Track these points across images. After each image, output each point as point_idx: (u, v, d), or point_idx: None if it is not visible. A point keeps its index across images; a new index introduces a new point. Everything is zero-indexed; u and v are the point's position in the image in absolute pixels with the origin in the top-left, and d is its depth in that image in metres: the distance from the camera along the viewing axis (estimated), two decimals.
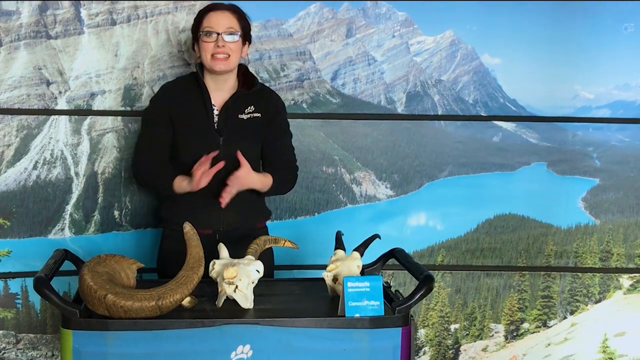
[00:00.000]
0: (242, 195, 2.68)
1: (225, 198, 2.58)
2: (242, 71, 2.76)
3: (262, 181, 2.67)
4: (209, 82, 2.70)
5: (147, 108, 2.82)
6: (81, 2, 3.04)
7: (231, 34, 2.61)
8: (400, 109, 3.30)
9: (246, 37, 2.70)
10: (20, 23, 3.01)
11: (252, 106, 2.72)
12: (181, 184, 2.60)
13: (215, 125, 2.67)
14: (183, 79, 2.81)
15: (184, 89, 2.72)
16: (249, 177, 2.59)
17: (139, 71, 3.09)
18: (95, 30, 3.07)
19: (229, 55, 2.62)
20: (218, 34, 2.60)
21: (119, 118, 3.10)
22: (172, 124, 2.68)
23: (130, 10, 3.09)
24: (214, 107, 2.69)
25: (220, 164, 2.54)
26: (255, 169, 2.72)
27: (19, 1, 2.98)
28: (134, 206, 3.13)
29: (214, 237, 2.66)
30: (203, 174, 2.51)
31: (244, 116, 2.70)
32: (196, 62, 2.82)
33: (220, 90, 2.70)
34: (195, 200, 2.63)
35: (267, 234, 2.82)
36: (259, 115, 2.72)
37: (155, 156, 2.70)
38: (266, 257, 2.49)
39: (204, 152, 2.61)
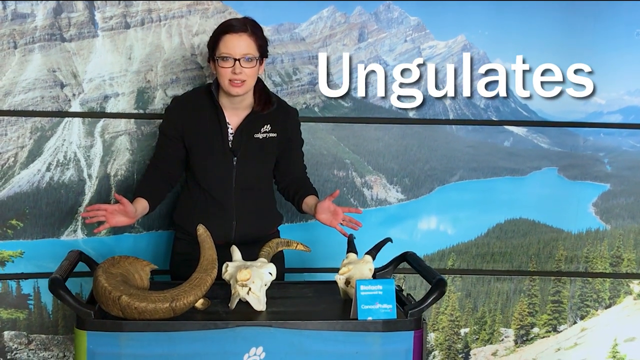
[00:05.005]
0: (253, 206, 2.70)
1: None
2: (259, 87, 2.67)
3: None
4: (224, 101, 2.63)
5: (162, 118, 2.79)
6: (95, 3, 3.07)
7: (249, 59, 2.52)
8: (411, 113, 3.31)
9: (263, 55, 2.60)
10: (35, 26, 3.03)
11: (269, 125, 2.67)
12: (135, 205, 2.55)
13: (230, 144, 2.63)
14: (197, 92, 2.72)
15: (198, 104, 2.65)
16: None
17: (152, 74, 3.11)
18: (109, 34, 3.09)
19: (246, 80, 2.54)
20: (235, 59, 2.50)
21: (132, 121, 3.12)
22: (183, 139, 2.65)
23: (144, 13, 3.11)
24: (228, 126, 2.64)
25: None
26: (267, 185, 2.76)
27: (34, 2, 3.01)
28: None
29: (226, 249, 2.64)
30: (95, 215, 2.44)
31: (260, 135, 2.65)
32: (213, 76, 2.75)
33: (236, 109, 2.64)
34: (209, 212, 2.64)
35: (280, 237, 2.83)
36: (274, 135, 2.68)
37: (156, 165, 2.71)
38: (278, 260, 2.48)
39: (218, 170, 2.64)
